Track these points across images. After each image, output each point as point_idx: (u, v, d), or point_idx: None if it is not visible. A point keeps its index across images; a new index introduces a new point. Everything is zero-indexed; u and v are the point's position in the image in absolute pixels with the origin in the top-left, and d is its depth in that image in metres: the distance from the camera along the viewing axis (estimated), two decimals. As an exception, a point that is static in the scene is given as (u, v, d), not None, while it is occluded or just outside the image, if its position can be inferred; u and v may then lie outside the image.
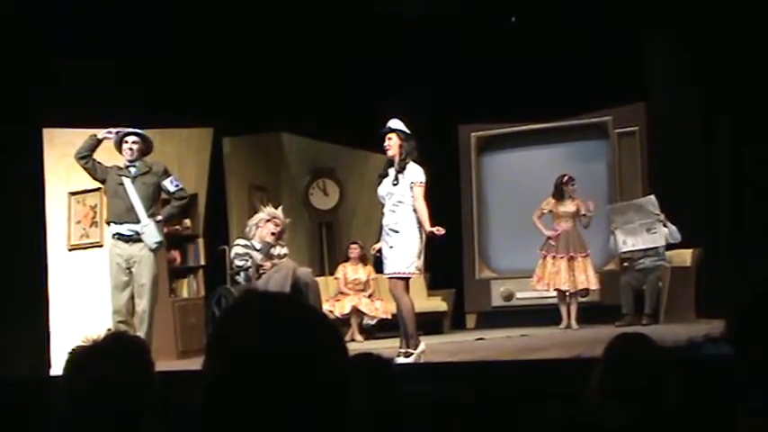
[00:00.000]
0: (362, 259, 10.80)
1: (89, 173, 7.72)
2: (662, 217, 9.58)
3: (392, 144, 7.38)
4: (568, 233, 10.05)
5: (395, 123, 7.47)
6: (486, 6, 9.88)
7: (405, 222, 7.18)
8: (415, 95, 10.59)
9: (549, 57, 10.13)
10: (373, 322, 10.39)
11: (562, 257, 9.97)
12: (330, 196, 11.97)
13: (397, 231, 7.21)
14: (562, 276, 9.93)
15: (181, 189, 7.80)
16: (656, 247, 9.65)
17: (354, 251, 10.81)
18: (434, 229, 7.13)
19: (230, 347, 1.25)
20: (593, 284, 9.93)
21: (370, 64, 10.16)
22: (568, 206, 10.10)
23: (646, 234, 9.68)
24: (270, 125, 10.98)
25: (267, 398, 1.20)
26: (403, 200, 7.20)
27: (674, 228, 9.55)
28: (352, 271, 10.70)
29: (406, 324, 7.12)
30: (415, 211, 7.16)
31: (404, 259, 7.14)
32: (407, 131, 7.48)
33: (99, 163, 7.66)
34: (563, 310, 9.97)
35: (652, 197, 9.73)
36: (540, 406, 3.86)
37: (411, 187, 7.21)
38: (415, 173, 7.27)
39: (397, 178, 7.27)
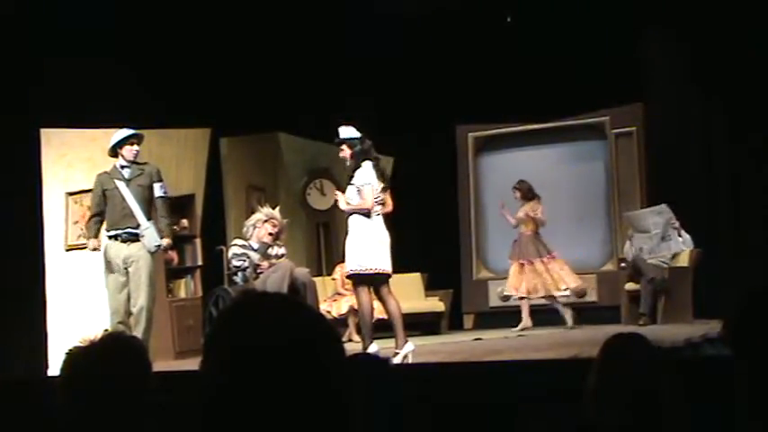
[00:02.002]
0: None
1: None
2: (677, 225, 9.55)
3: (344, 154, 7.62)
4: (522, 237, 10.13)
5: (344, 132, 7.65)
6: (484, 6, 9.88)
7: (351, 225, 7.44)
8: (412, 95, 10.62)
9: (547, 57, 10.14)
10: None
11: (516, 262, 10.10)
12: (327, 196, 11.95)
13: (347, 233, 7.50)
14: (514, 280, 10.09)
15: (164, 197, 7.73)
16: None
17: None
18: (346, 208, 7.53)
19: (228, 348, 1.24)
20: (529, 292, 9.98)
21: (367, 64, 10.16)
22: (520, 212, 10.17)
23: (661, 242, 9.64)
24: (267, 125, 10.98)
25: (265, 398, 1.20)
26: (351, 203, 7.46)
27: (687, 236, 9.54)
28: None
29: (362, 322, 7.44)
30: (366, 215, 7.39)
31: (348, 260, 7.42)
32: (357, 136, 7.64)
33: (102, 200, 7.62)
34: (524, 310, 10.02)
35: (665, 206, 9.66)
36: (537, 406, 3.86)
37: (359, 192, 7.41)
38: (360, 176, 7.46)
39: (348, 183, 7.52)
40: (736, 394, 1.96)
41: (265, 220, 8.80)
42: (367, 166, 7.47)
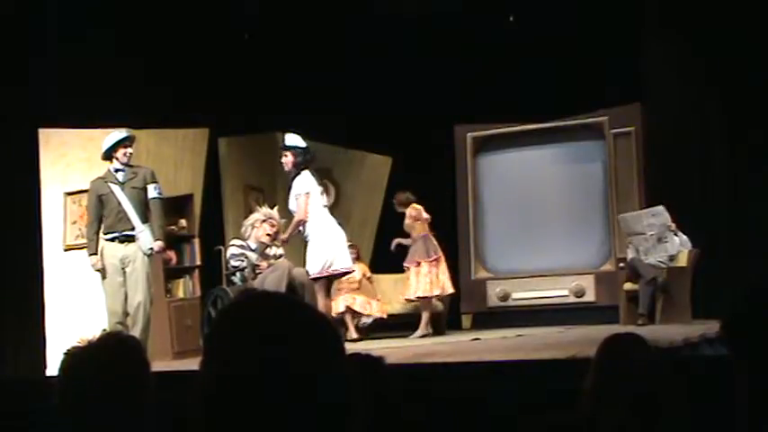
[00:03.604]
0: (357, 258, 10.72)
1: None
2: (673, 227, 9.52)
3: (286, 161, 8.04)
4: (414, 241, 10.09)
5: (290, 140, 7.99)
6: (484, 6, 9.88)
7: (308, 231, 7.99)
8: (411, 95, 10.63)
9: (545, 57, 10.14)
10: (369, 320, 10.36)
11: (411, 265, 10.07)
12: (328, 196, 11.97)
13: (306, 240, 8.08)
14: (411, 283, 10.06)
15: (158, 199, 7.71)
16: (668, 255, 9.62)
17: (351, 252, 10.73)
18: (284, 237, 8.31)
19: (228, 347, 1.24)
20: (425, 292, 9.91)
21: (366, 64, 10.17)
22: (407, 220, 10.17)
23: (657, 243, 9.60)
24: (265, 125, 10.98)
25: (266, 397, 1.20)
26: (294, 211, 8.00)
27: (684, 237, 9.50)
28: None
29: None
30: (314, 220, 7.96)
31: (310, 262, 7.96)
32: (302, 146, 8.02)
33: (99, 209, 7.58)
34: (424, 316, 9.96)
35: (661, 207, 9.62)
36: (536, 407, 3.86)
37: (296, 199, 7.86)
38: (299, 185, 7.91)
39: (289, 193, 7.98)
40: (736, 394, 1.96)
41: (263, 221, 8.80)
42: (306, 174, 7.94)
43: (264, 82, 10.03)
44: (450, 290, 10.14)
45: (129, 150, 7.63)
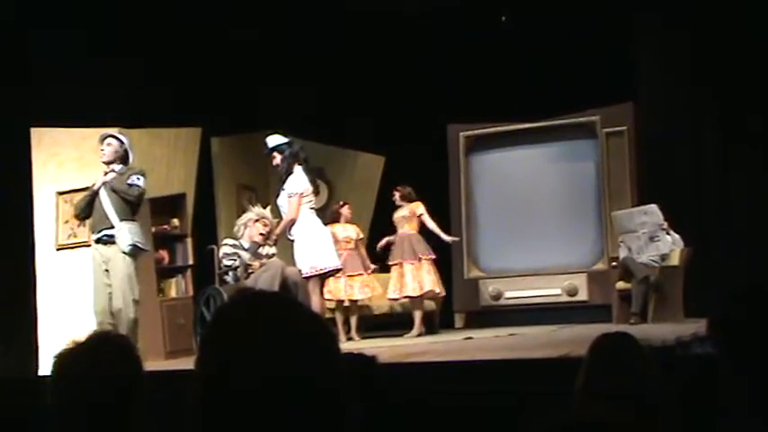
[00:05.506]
0: (350, 221, 10.67)
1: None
2: (665, 225, 9.52)
3: (277, 162, 8.14)
4: (401, 237, 10.01)
5: (271, 142, 8.14)
6: (479, 4, 9.88)
7: (294, 231, 8.07)
8: (405, 94, 10.64)
9: (537, 56, 10.15)
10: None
11: (397, 264, 9.94)
12: (319, 196, 11.94)
13: (291, 240, 8.12)
14: (397, 282, 9.94)
15: (132, 186, 7.60)
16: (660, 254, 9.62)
17: (347, 210, 10.62)
18: (274, 236, 8.41)
19: (224, 346, 1.25)
20: (414, 291, 9.81)
21: (359, 63, 10.16)
22: (400, 212, 10.09)
23: (649, 242, 9.60)
24: (258, 125, 10.96)
25: (263, 397, 1.20)
26: (285, 210, 8.07)
27: (677, 236, 9.50)
28: (342, 229, 10.45)
29: None
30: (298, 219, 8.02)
31: (299, 263, 8.05)
32: (284, 142, 8.09)
33: (92, 203, 7.57)
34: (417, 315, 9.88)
35: (654, 206, 9.62)
36: (528, 406, 3.87)
37: (288, 197, 7.96)
38: (292, 184, 7.98)
39: (280, 191, 8.07)
40: (719, 390, 1.97)
41: (256, 220, 8.80)
42: (298, 171, 7.98)
43: (256, 81, 10.02)
44: (427, 287, 9.92)
45: (103, 148, 7.59)
